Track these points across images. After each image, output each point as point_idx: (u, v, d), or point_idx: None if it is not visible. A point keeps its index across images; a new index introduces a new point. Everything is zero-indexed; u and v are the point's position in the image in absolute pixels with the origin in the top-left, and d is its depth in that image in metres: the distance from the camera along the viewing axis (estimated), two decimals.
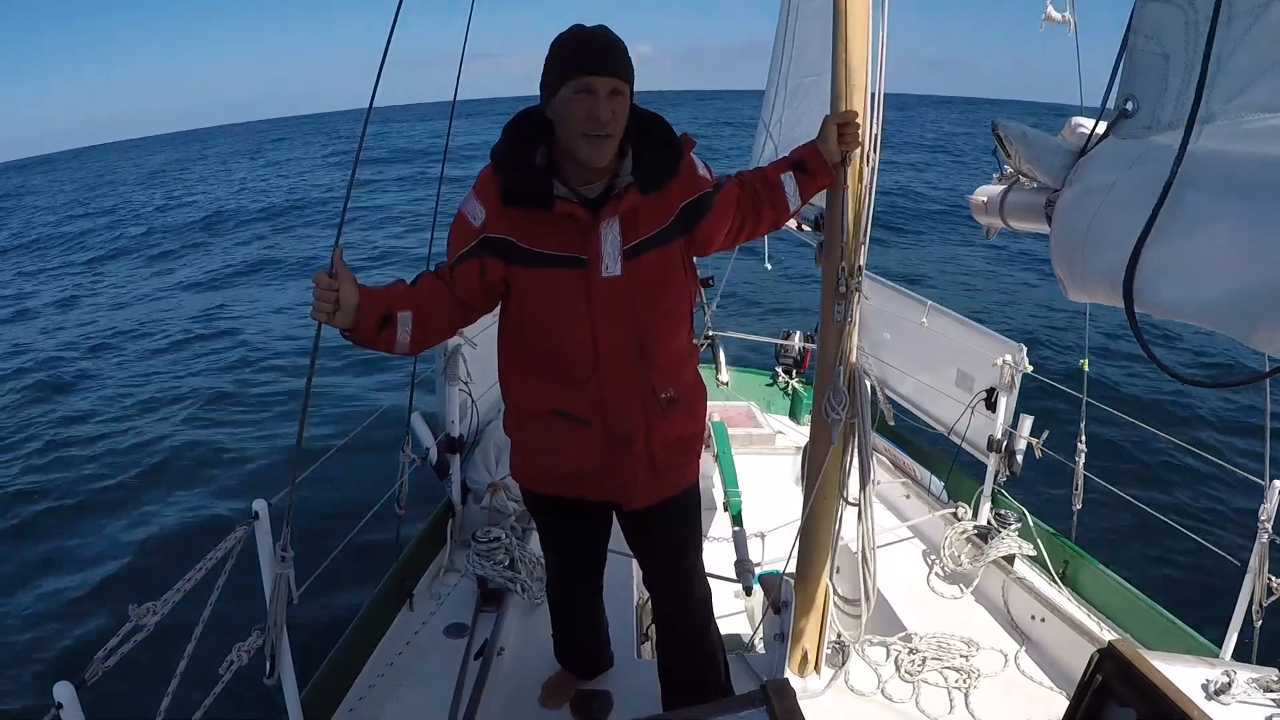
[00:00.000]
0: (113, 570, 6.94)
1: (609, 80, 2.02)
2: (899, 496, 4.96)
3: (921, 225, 24.05)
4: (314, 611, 4.43)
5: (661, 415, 2.37)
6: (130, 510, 8.05)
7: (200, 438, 9.84)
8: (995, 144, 2.19)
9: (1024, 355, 4.10)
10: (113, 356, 14.06)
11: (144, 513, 7.96)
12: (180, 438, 9.88)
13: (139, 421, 10.63)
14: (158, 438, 9.92)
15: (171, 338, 14.88)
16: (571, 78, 2.02)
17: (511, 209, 2.14)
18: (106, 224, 32.56)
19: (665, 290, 2.30)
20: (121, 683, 3.00)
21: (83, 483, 8.78)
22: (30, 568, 7.14)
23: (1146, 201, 1.35)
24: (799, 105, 4.65)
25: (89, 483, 8.77)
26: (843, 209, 2.61)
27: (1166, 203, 1.31)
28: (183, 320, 16.09)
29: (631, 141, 2.20)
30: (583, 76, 2.01)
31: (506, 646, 3.34)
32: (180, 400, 11.32)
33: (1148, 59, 1.53)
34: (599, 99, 2.01)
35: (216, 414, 10.75)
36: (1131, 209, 1.41)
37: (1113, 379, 11.13)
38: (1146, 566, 6.47)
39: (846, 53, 2.54)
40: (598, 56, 2.03)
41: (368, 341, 2.15)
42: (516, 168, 2.14)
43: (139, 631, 1.81)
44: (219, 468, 8.98)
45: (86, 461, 9.37)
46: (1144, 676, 1.84)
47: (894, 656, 3.33)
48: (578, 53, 2.05)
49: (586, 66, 2.02)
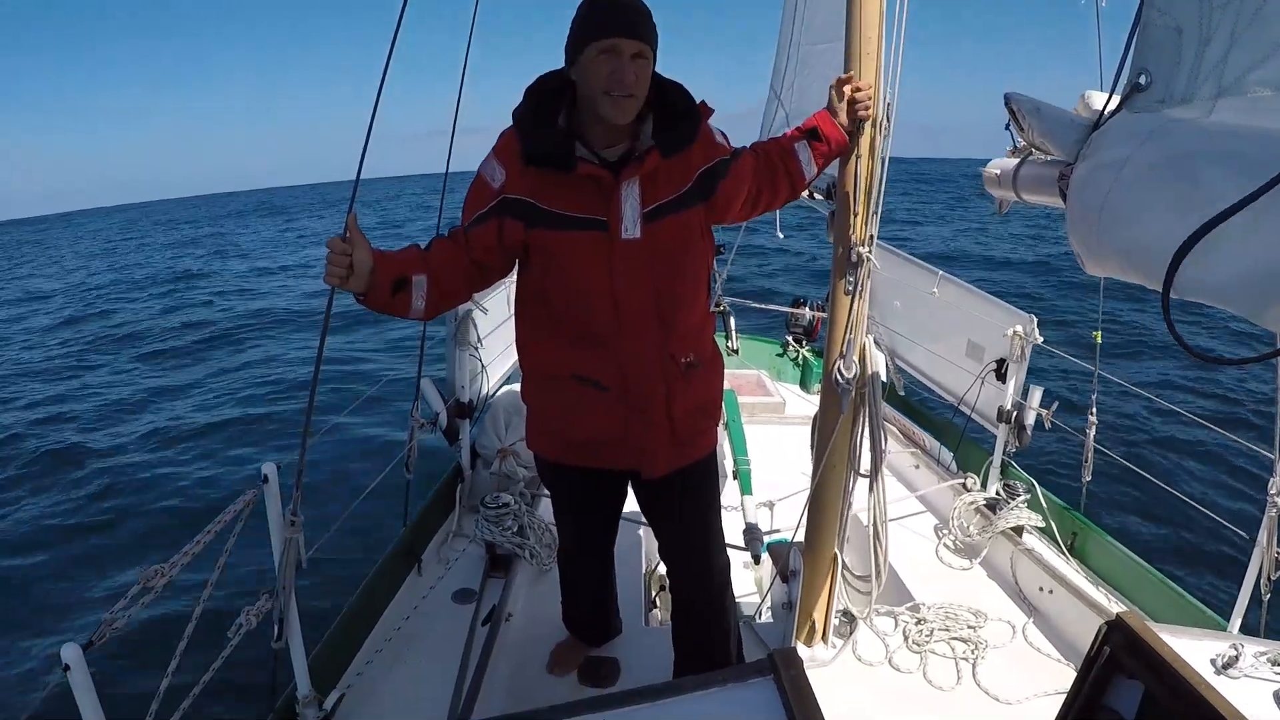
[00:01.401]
0: (122, 532, 6.99)
1: (634, 43, 2.02)
2: (908, 466, 4.96)
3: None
4: (322, 575, 4.46)
5: (682, 380, 2.37)
6: (142, 473, 8.10)
7: (210, 403, 9.89)
8: (1009, 117, 2.16)
9: (1034, 326, 4.07)
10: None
11: (156, 474, 8.01)
12: (190, 405, 9.93)
13: (146, 384, 10.69)
14: (169, 404, 9.97)
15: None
16: (596, 39, 2.03)
17: (532, 170, 2.14)
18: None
19: (683, 255, 2.30)
20: (129, 645, 3.02)
21: (90, 443, 8.83)
22: (37, 531, 7.19)
23: (1158, 176, 1.33)
24: (809, 73, 4.60)
25: (96, 442, 8.82)
26: (855, 178, 2.59)
27: (1187, 179, 1.29)
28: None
29: (652, 107, 2.20)
30: (608, 38, 2.02)
31: (514, 612, 3.35)
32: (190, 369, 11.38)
33: (1161, 33, 1.51)
34: (623, 60, 2.02)
35: (226, 381, 10.80)
36: (1145, 185, 1.40)
37: (1125, 350, 11.11)
38: (1155, 539, 6.48)
39: (860, 19, 2.50)
40: (624, 19, 2.03)
41: (383, 306, 2.14)
42: (539, 129, 2.14)
43: (147, 594, 1.82)
44: (231, 433, 9.03)
45: (94, 419, 9.43)
46: (1151, 649, 1.82)
47: (901, 627, 3.34)
48: (604, 15, 2.05)
49: (613, 29, 2.02)
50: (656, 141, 2.16)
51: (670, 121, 2.20)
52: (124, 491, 7.78)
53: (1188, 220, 1.26)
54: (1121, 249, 1.45)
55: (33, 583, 6.36)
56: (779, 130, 4.74)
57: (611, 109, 2.07)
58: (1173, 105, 1.50)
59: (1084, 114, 1.90)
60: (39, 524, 7.33)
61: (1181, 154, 1.36)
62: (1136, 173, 1.47)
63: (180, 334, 16.44)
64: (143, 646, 2.59)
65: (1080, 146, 1.76)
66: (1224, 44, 1.37)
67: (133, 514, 7.31)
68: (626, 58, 2.02)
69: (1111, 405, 7.57)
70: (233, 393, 11.11)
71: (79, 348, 15.98)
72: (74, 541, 6.97)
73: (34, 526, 7.29)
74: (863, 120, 2.51)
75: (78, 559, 6.67)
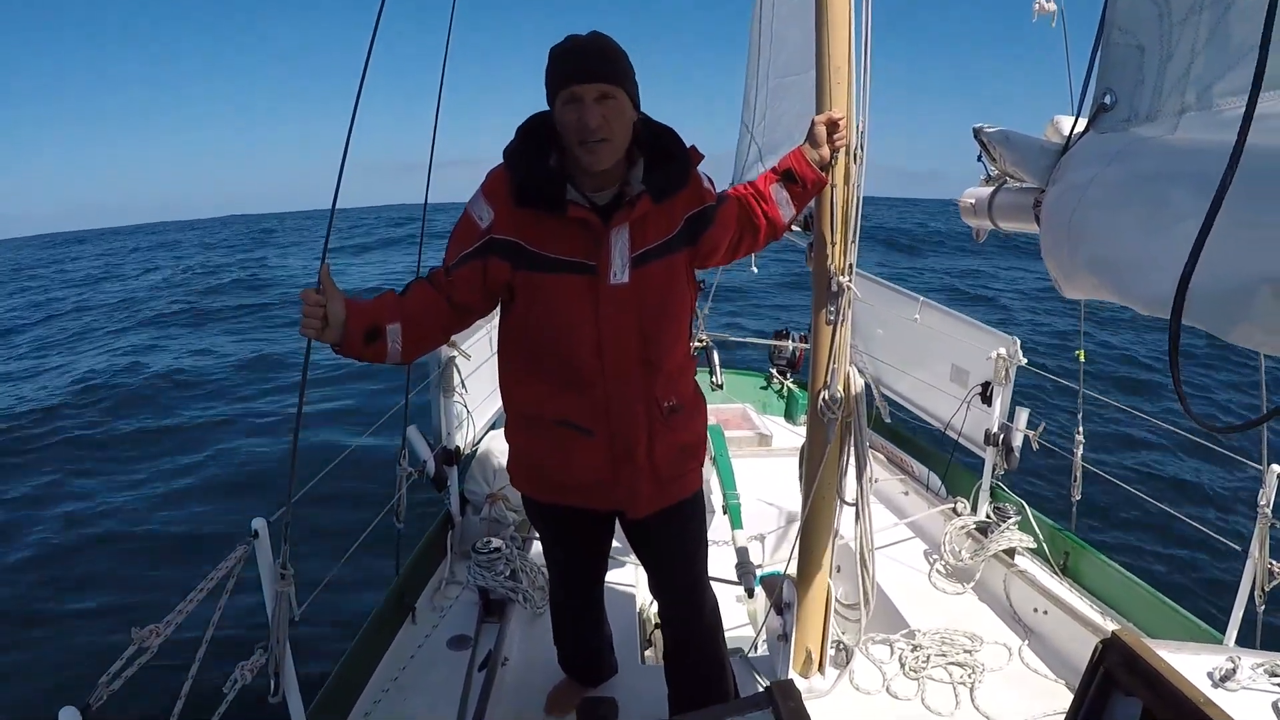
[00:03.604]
0: (115, 590, 6.92)
1: (594, 87, 2.03)
2: (897, 493, 4.96)
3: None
4: (317, 628, 4.42)
5: (664, 424, 2.37)
6: (131, 527, 8.04)
7: (201, 455, 9.83)
8: (979, 149, 2.19)
9: (1018, 348, 4.10)
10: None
11: (146, 530, 7.94)
12: (180, 456, 9.86)
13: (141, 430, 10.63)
14: (155, 455, 9.90)
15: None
16: (560, 89, 2.05)
17: (523, 211, 2.14)
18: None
19: (669, 299, 2.30)
20: (125, 705, 2.98)
21: (79, 500, 8.76)
22: (33, 591, 7.11)
23: (1124, 196, 1.36)
24: (780, 105, 4.65)
25: (84, 500, 8.74)
26: (831, 207, 2.62)
27: (1154, 198, 1.31)
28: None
29: (643, 151, 2.22)
30: (569, 86, 2.03)
31: (510, 657, 3.33)
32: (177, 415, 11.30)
33: (1123, 51, 1.54)
34: (585, 106, 2.02)
35: (213, 433, 10.73)
36: (1112, 205, 1.42)
37: (1108, 369, 11.17)
38: (1147, 555, 6.49)
39: (829, 50, 2.54)
40: (580, 64, 2.05)
41: (357, 354, 2.15)
42: (531, 169, 2.15)
43: (142, 654, 1.81)
44: (219, 484, 8.97)
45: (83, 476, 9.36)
46: (1149, 665, 1.83)
47: (898, 654, 3.33)
48: (562, 64, 2.07)
49: (570, 76, 2.04)
50: (647, 186, 2.17)
51: (661, 166, 2.21)
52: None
53: (1156, 239, 1.28)
54: (1092, 268, 1.47)
55: (29, 643, 6.28)
56: (752, 162, 4.79)
57: (586, 158, 2.08)
58: (1138, 123, 1.52)
59: (1054, 138, 1.93)
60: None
61: (1146, 173, 1.38)
62: (1103, 193, 1.49)
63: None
64: (139, 706, 2.56)
65: (1051, 171, 1.79)
66: (1185, 59, 1.40)
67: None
68: (589, 103, 2.02)
69: (1098, 426, 7.60)
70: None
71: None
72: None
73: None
74: (839, 149, 2.54)
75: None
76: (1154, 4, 1.45)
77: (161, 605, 1.92)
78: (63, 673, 5.56)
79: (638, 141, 2.19)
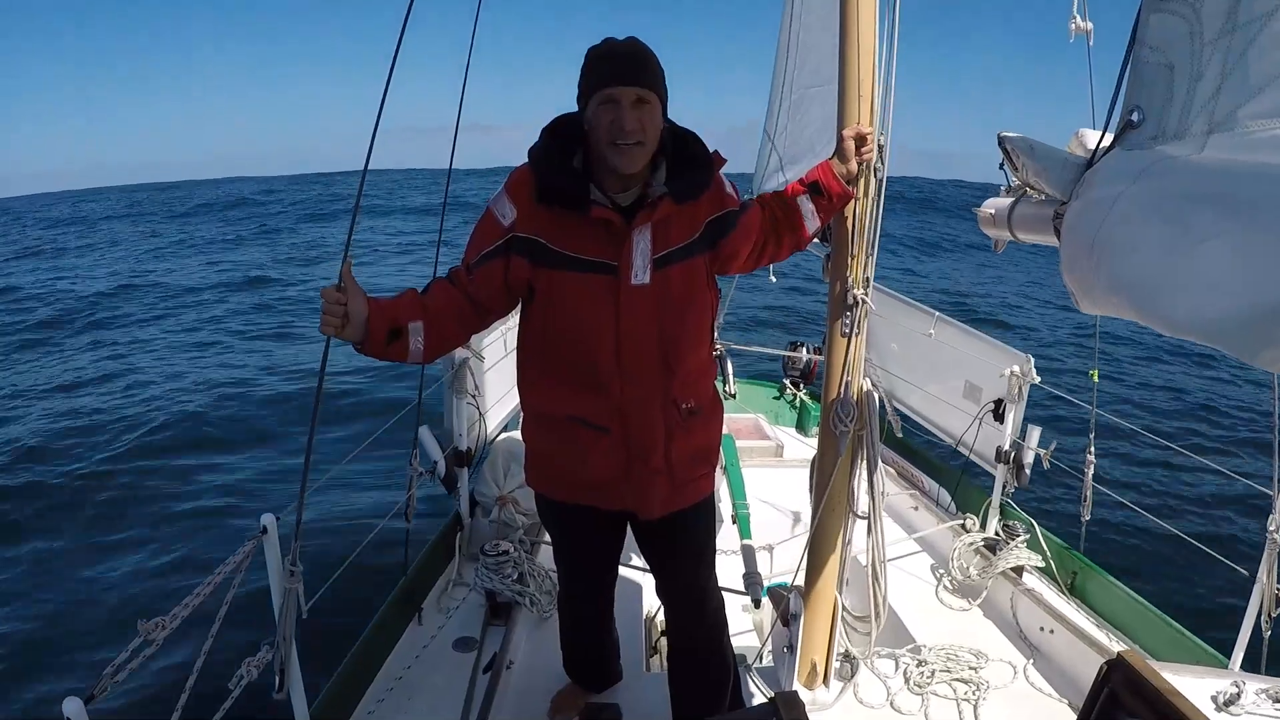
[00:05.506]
0: (122, 585, 6.93)
1: (632, 90, 2.06)
2: (907, 508, 4.96)
3: None
4: (323, 625, 4.43)
5: (682, 426, 2.38)
6: (139, 525, 8.06)
7: (210, 453, 9.85)
8: (1002, 157, 2.19)
9: (1031, 366, 4.09)
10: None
11: (154, 529, 7.96)
12: (191, 453, 9.88)
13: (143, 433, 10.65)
14: (166, 449, 9.93)
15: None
16: (596, 90, 2.08)
17: (545, 210, 2.16)
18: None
19: (690, 301, 2.32)
20: (130, 697, 2.99)
21: (89, 494, 8.78)
22: (36, 580, 7.13)
23: (1150, 214, 1.35)
24: (803, 115, 4.64)
25: (95, 494, 8.77)
26: (851, 220, 2.62)
27: (1180, 218, 1.31)
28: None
29: (667, 154, 2.23)
30: (606, 88, 2.06)
31: (515, 660, 3.33)
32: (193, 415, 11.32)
33: (1152, 70, 1.53)
34: (623, 109, 2.05)
35: (226, 430, 10.76)
36: (1137, 222, 1.41)
37: (1122, 391, 11.13)
38: (1155, 577, 6.45)
39: (856, 63, 2.54)
40: (620, 68, 2.08)
41: (379, 354, 2.16)
42: (555, 168, 2.17)
43: (148, 647, 1.81)
44: (229, 482, 8.99)
45: (93, 473, 9.38)
46: (1153, 688, 1.83)
47: (903, 669, 3.33)
48: (602, 65, 2.10)
49: (609, 78, 2.07)
50: (670, 188, 2.19)
51: (684, 169, 2.23)
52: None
53: (1181, 260, 1.28)
54: (1114, 286, 1.46)
55: (32, 634, 6.30)
56: (772, 171, 4.78)
57: (618, 158, 2.10)
58: (1165, 142, 1.51)
59: (1078, 152, 1.92)
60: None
61: (1172, 193, 1.38)
62: (1129, 209, 1.48)
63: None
64: (144, 698, 2.58)
65: (1074, 185, 1.78)
66: (1215, 80, 1.39)
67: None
68: (626, 106, 2.05)
69: (1110, 444, 7.57)
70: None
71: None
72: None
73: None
74: (865, 164, 2.55)
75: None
76: (1185, 23, 1.44)
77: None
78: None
79: (661, 144, 2.20)
